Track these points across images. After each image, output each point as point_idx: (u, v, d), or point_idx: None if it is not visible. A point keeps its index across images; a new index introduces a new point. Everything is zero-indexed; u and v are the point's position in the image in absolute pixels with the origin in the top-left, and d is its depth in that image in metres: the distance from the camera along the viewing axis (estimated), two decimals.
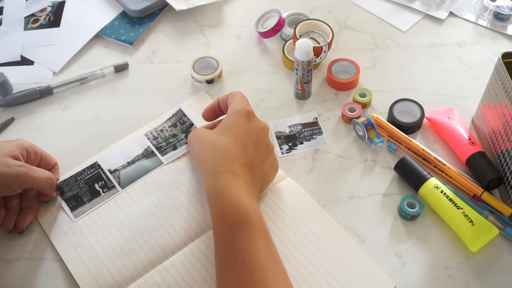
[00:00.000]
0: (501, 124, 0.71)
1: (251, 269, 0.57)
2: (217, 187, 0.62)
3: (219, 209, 0.61)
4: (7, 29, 0.97)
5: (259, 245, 0.59)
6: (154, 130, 0.80)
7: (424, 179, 0.71)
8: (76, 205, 0.73)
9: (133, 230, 0.70)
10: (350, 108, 0.81)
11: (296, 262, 0.66)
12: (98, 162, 0.77)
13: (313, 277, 0.65)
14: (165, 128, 0.80)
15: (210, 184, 0.63)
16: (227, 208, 0.60)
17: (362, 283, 0.64)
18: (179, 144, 0.78)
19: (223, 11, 0.99)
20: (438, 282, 0.66)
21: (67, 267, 0.68)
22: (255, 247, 0.59)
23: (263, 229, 0.61)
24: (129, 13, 0.97)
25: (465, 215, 0.67)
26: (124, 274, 0.67)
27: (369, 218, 0.70)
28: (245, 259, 0.58)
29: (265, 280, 0.57)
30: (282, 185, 0.73)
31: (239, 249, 0.58)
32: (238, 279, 0.57)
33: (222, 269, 0.60)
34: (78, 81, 0.88)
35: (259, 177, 0.67)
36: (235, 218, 0.60)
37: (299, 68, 0.80)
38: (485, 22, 0.95)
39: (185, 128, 0.80)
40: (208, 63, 0.89)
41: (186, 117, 0.81)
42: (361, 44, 0.92)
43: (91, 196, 0.74)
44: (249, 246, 0.58)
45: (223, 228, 0.60)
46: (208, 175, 0.64)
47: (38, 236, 0.71)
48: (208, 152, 0.66)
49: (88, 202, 0.73)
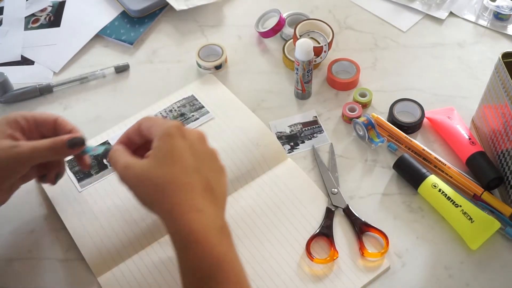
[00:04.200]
0: (501, 124, 0.71)
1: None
2: (180, 235, 0.53)
3: (185, 260, 0.53)
4: (8, 29, 0.97)
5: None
6: (163, 110, 0.83)
7: (423, 177, 0.71)
8: (83, 177, 0.75)
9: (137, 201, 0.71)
10: (350, 108, 0.81)
11: (294, 247, 0.68)
12: (109, 140, 0.79)
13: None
14: (174, 108, 0.83)
15: (171, 230, 0.54)
16: (194, 260, 0.52)
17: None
18: (186, 123, 0.80)
19: (223, 11, 0.99)
20: (438, 282, 0.66)
21: (67, 267, 0.68)
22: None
23: (237, 278, 0.53)
24: (129, 13, 0.97)
25: (464, 213, 0.67)
26: (126, 245, 0.68)
27: (369, 218, 0.70)
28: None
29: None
30: (283, 167, 0.75)
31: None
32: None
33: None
34: (78, 81, 0.88)
35: (220, 194, 0.59)
36: (204, 271, 0.52)
37: (299, 68, 0.80)
38: (485, 22, 0.95)
39: (195, 109, 0.82)
40: (212, 50, 0.90)
41: (197, 101, 0.83)
42: (361, 44, 0.92)
43: (99, 169, 0.76)
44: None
45: (192, 281, 0.53)
46: (165, 220, 0.55)
47: (38, 236, 0.71)
48: (157, 194, 0.55)
49: (96, 174, 0.75)
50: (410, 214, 0.71)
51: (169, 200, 0.54)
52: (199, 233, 0.53)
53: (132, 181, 0.58)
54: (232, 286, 0.52)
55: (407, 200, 0.73)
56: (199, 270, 0.52)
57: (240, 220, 0.69)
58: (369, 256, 0.67)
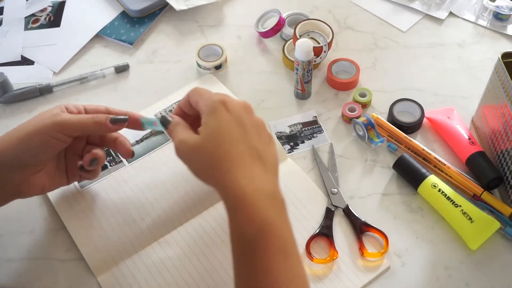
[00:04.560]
0: (501, 124, 0.71)
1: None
2: (231, 202, 0.56)
3: (234, 225, 0.56)
4: (8, 29, 0.97)
5: (276, 266, 0.53)
6: (163, 110, 0.83)
7: (423, 177, 0.71)
8: None
9: (136, 201, 0.72)
10: (350, 108, 0.81)
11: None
12: None
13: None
14: (173, 108, 0.82)
15: (224, 199, 0.57)
16: (242, 224, 0.55)
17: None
18: None
19: (223, 11, 0.99)
20: (438, 282, 0.66)
21: (67, 267, 0.68)
22: (271, 268, 0.53)
23: (282, 245, 0.54)
24: (129, 13, 0.97)
25: (463, 213, 0.68)
26: (126, 244, 0.68)
27: (369, 218, 0.70)
28: (259, 279, 0.53)
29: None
30: (283, 167, 0.74)
31: (255, 269, 0.53)
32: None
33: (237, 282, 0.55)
34: (78, 81, 0.88)
35: (270, 161, 0.61)
36: (250, 235, 0.54)
37: (299, 68, 0.80)
38: (485, 22, 0.95)
39: None
40: (212, 50, 0.90)
41: None
42: (361, 44, 0.92)
43: None
44: (264, 266, 0.53)
45: (239, 244, 0.55)
46: (218, 189, 0.58)
47: (38, 236, 0.71)
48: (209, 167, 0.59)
49: None
50: (410, 214, 0.71)
51: (220, 171, 0.58)
52: (248, 198, 0.55)
53: (186, 156, 0.62)
54: (276, 251, 0.53)
55: (407, 200, 0.73)
56: (245, 234, 0.54)
57: None
58: (369, 256, 0.67)
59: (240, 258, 0.55)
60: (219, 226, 0.69)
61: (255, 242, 0.54)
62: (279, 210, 0.57)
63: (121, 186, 0.74)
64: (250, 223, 0.54)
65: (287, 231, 0.56)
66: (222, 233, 0.69)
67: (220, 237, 0.68)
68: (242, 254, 0.55)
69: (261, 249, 0.53)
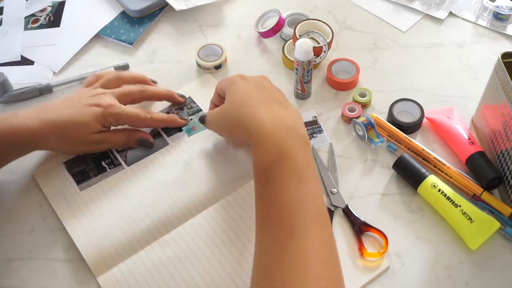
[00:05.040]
0: (501, 124, 0.71)
1: (279, 211, 0.56)
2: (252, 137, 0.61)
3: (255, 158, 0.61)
4: (7, 29, 0.97)
5: (290, 189, 0.57)
6: (164, 110, 0.83)
7: (422, 177, 0.71)
8: (82, 179, 0.75)
9: (135, 202, 0.72)
10: (350, 108, 0.81)
11: None
12: None
13: None
14: (171, 110, 0.82)
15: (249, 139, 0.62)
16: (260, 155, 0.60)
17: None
18: (185, 126, 0.80)
19: (223, 11, 0.99)
20: (438, 282, 0.66)
21: (66, 267, 0.68)
22: (284, 189, 0.57)
23: (296, 170, 0.58)
24: (129, 13, 0.97)
25: (463, 213, 0.68)
26: (125, 245, 0.68)
27: (369, 218, 0.70)
28: (273, 202, 0.57)
29: (293, 222, 0.55)
30: None
31: (270, 194, 0.57)
32: (267, 220, 0.57)
33: (257, 209, 0.59)
34: (78, 81, 0.88)
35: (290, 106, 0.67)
36: (265, 164, 0.59)
37: (299, 68, 0.80)
38: (484, 22, 0.95)
39: (192, 112, 0.82)
40: (212, 50, 0.90)
41: (195, 104, 0.83)
42: (361, 44, 0.92)
43: (97, 172, 0.76)
44: (278, 190, 0.57)
45: (258, 174, 0.60)
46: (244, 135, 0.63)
47: (38, 236, 0.71)
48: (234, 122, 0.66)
49: (94, 177, 0.75)
50: (409, 214, 0.71)
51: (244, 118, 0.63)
52: (267, 128, 0.60)
53: (216, 123, 0.71)
54: (289, 176, 0.58)
55: (406, 200, 0.73)
56: (264, 163, 0.59)
57: (239, 220, 0.70)
58: (369, 256, 0.67)
59: (258, 188, 0.60)
60: (218, 226, 0.69)
61: (271, 169, 0.58)
62: (298, 143, 0.60)
63: (120, 188, 0.74)
64: (268, 151, 0.59)
65: (304, 160, 0.59)
66: (221, 233, 0.69)
67: (219, 237, 0.68)
68: (259, 183, 0.59)
69: (275, 175, 0.58)
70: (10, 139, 0.69)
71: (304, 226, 0.55)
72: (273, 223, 0.56)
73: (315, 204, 0.57)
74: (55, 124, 0.70)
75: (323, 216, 0.57)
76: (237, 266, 0.66)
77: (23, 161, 0.76)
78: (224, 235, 0.68)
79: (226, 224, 0.69)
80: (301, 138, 0.62)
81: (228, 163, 0.75)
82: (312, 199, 0.57)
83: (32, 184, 0.76)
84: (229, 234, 0.68)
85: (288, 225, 0.55)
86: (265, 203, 0.58)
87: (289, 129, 0.61)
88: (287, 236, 0.54)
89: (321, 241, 0.55)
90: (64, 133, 0.71)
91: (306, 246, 0.54)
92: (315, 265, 0.53)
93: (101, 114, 0.72)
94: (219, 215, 0.70)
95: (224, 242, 0.68)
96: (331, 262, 0.55)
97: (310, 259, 0.53)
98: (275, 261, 0.54)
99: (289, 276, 0.52)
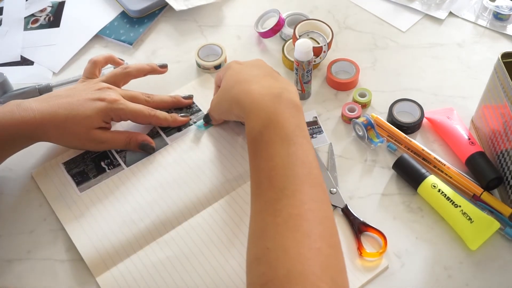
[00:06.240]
0: (501, 124, 0.71)
1: (270, 174, 0.57)
2: (245, 109, 0.63)
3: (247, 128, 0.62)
4: (7, 29, 0.97)
5: (279, 151, 0.58)
6: (164, 112, 0.82)
7: (422, 177, 0.71)
8: (81, 180, 0.75)
9: (135, 203, 0.72)
10: (350, 108, 0.81)
11: None
12: None
13: None
14: (171, 110, 0.82)
15: (243, 113, 0.64)
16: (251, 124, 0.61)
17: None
18: (184, 126, 0.80)
19: (223, 11, 0.99)
20: (438, 282, 0.66)
21: (66, 267, 0.68)
22: (274, 153, 0.58)
23: (285, 135, 0.60)
24: (129, 13, 0.97)
25: (463, 213, 0.67)
26: (124, 245, 0.68)
27: (368, 218, 0.70)
28: (263, 166, 0.58)
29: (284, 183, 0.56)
30: None
31: (261, 158, 0.59)
32: (259, 186, 0.58)
33: (251, 179, 0.60)
34: (77, 81, 0.88)
35: (281, 78, 0.68)
36: (256, 131, 0.60)
37: (299, 68, 0.80)
38: (484, 22, 0.95)
39: (191, 112, 0.82)
40: (211, 50, 0.90)
41: (194, 104, 0.83)
42: (361, 44, 0.92)
43: (97, 173, 0.76)
44: (269, 152, 0.59)
45: (250, 142, 0.62)
46: (239, 110, 0.65)
47: (38, 236, 0.71)
48: (229, 101, 0.68)
49: (94, 178, 0.75)
50: (409, 214, 0.71)
51: (238, 94, 0.66)
52: (255, 99, 0.63)
53: (215, 107, 0.74)
54: (278, 140, 0.59)
55: (406, 200, 0.73)
56: (254, 130, 0.61)
57: (238, 220, 0.70)
58: (367, 256, 0.67)
59: (251, 158, 0.61)
60: (217, 226, 0.69)
61: (261, 136, 0.60)
62: (286, 108, 0.62)
63: (119, 189, 0.74)
64: (257, 120, 0.61)
65: (293, 124, 0.61)
66: (220, 233, 0.69)
67: (219, 237, 0.68)
68: (251, 153, 0.61)
69: (265, 141, 0.60)
70: (12, 132, 0.69)
71: (295, 186, 0.56)
72: (264, 188, 0.57)
73: (306, 165, 0.58)
74: (56, 116, 0.70)
75: (316, 175, 0.59)
76: (237, 266, 0.66)
77: (23, 161, 0.76)
78: (223, 235, 0.68)
79: (225, 224, 0.69)
80: (289, 103, 0.63)
81: (227, 163, 0.75)
82: (302, 161, 0.58)
83: (32, 184, 0.76)
84: (228, 234, 0.68)
85: (279, 187, 0.56)
86: (257, 171, 0.59)
87: (277, 96, 0.63)
88: (278, 197, 0.56)
89: (313, 199, 0.56)
90: (65, 126, 0.71)
91: (297, 205, 0.55)
92: (306, 222, 0.54)
93: (104, 109, 0.72)
94: (218, 215, 0.70)
95: (223, 242, 0.68)
96: (324, 218, 0.56)
97: (301, 217, 0.54)
98: (267, 222, 0.55)
99: (280, 235, 0.53)
